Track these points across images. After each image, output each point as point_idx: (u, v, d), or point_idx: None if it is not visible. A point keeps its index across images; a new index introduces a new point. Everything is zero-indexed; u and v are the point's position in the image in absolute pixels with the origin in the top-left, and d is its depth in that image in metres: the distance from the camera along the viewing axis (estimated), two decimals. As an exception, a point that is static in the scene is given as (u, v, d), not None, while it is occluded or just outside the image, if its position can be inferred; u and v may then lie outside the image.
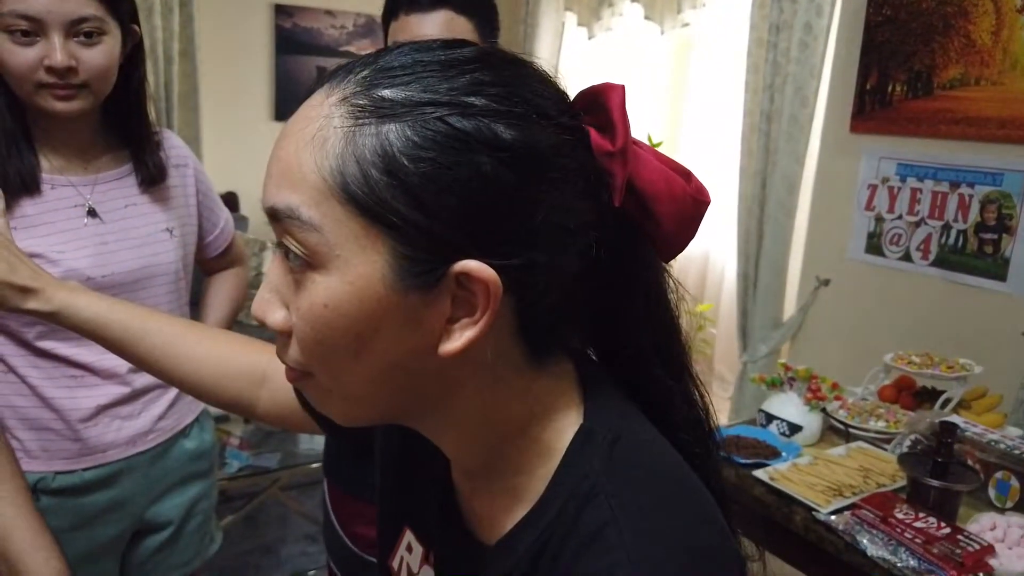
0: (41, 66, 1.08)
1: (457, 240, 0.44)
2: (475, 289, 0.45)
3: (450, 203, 0.43)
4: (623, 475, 0.49)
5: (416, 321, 0.46)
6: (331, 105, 0.45)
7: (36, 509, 0.90)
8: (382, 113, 0.44)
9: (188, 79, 3.50)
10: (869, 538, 1.31)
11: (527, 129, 0.45)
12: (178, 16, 3.40)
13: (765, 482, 1.50)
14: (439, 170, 0.43)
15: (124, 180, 1.24)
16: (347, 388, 0.49)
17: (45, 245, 1.13)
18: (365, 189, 0.43)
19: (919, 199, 2.47)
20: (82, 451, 1.20)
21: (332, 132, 0.44)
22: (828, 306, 2.79)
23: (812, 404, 1.70)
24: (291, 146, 0.45)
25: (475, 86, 0.45)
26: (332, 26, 3.92)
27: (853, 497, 1.43)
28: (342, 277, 0.45)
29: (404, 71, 0.45)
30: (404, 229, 0.44)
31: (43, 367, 1.16)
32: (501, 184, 0.44)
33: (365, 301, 0.45)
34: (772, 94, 2.75)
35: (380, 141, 0.43)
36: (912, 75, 2.46)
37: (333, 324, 0.46)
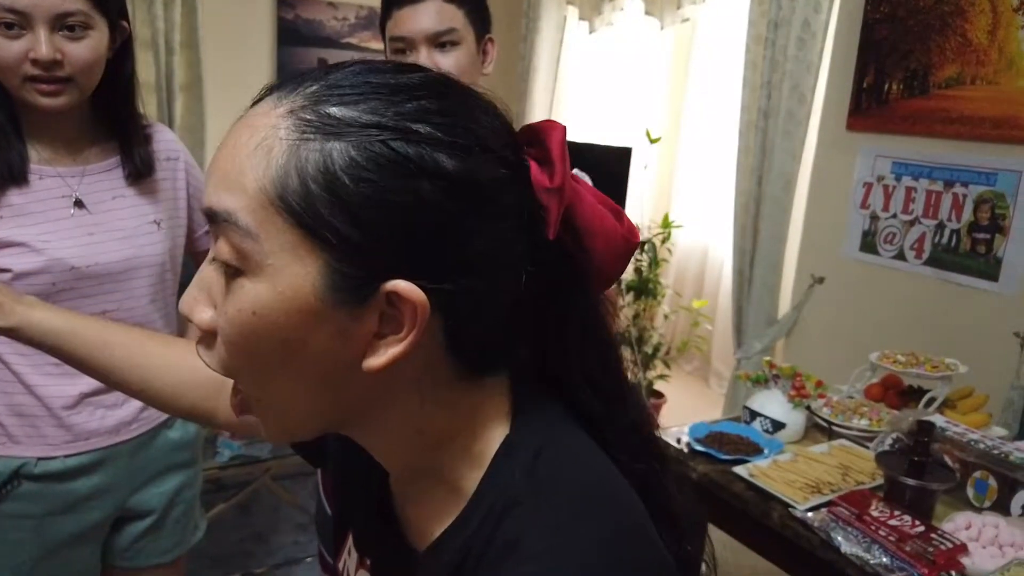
0: (27, 59, 1.09)
1: (390, 260, 0.45)
2: (403, 308, 0.46)
3: (386, 224, 0.44)
4: (543, 487, 0.49)
5: (344, 334, 0.47)
6: (278, 116, 0.46)
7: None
8: (327, 131, 0.45)
9: (191, 69, 3.52)
10: (843, 535, 1.32)
11: (469, 160, 0.46)
12: (180, 7, 3.41)
13: (745, 478, 1.51)
14: (378, 192, 0.44)
15: (112, 172, 1.25)
16: (274, 398, 0.50)
17: (31, 234, 1.15)
18: (304, 203, 0.44)
19: (914, 198, 2.46)
20: (65, 438, 1.22)
21: (277, 143, 0.45)
22: (822, 304, 2.79)
23: (796, 402, 1.71)
24: (235, 152, 0.46)
25: (421, 113, 0.46)
26: (334, 18, 3.93)
27: (831, 494, 1.44)
28: (273, 285, 0.45)
29: (353, 91, 0.46)
30: (339, 245, 0.45)
31: (28, 354, 1.18)
32: (438, 211, 0.45)
33: (294, 311, 0.46)
34: (770, 91, 2.75)
35: (323, 157, 0.44)
36: (908, 74, 2.45)
37: (259, 332, 0.46)
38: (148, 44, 3.41)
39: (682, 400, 3.89)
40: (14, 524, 1.19)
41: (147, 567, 1.39)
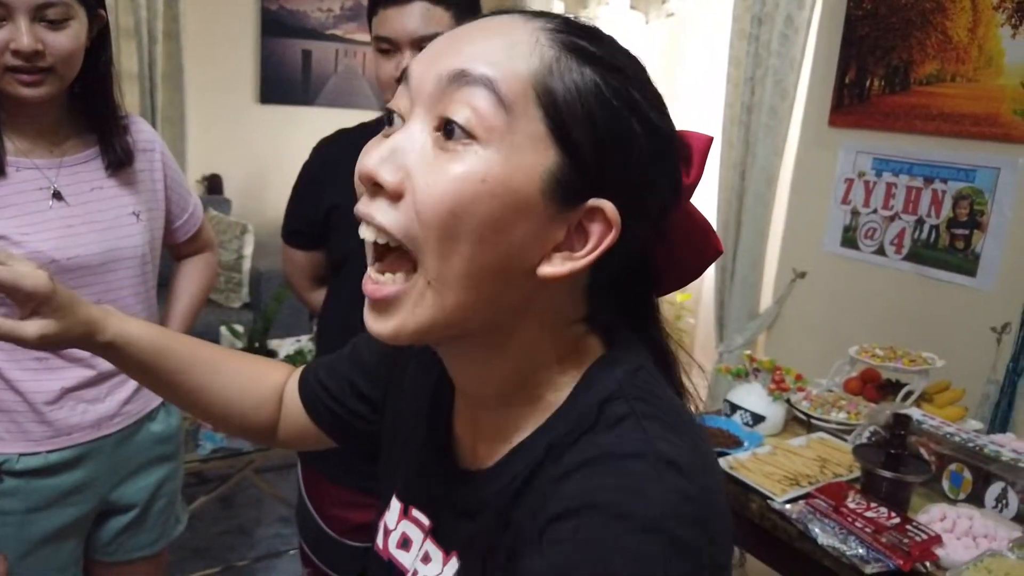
0: (8, 50, 1.08)
1: (606, 182, 0.50)
2: (595, 227, 0.51)
3: (614, 152, 0.50)
4: (643, 393, 0.53)
5: (541, 232, 0.50)
6: (536, 30, 0.50)
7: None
8: (585, 58, 0.50)
9: (173, 60, 3.49)
10: (820, 526, 1.34)
11: (671, 129, 0.54)
12: (162, -4, 3.39)
13: (725, 471, 1.52)
14: (616, 123, 0.50)
15: (90, 163, 1.24)
16: (447, 275, 0.49)
17: (10, 227, 1.14)
18: (561, 105, 0.49)
19: (894, 194, 2.49)
20: (47, 433, 1.21)
21: (541, 48, 0.49)
22: (804, 298, 2.82)
23: (775, 395, 1.72)
24: (492, 39, 0.50)
25: (645, 81, 0.53)
26: (319, 9, 3.90)
27: (809, 487, 1.45)
28: (509, 158, 0.48)
29: (599, 38, 0.52)
30: (574, 152, 0.49)
31: (7, 349, 1.17)
32: (649, 159, 0.52)
33: (518, 191, 0.48)
34: (753, 86, 2.77)
35: (581, 76, 0.49)
36: (890, 70, 2.47)
37: (478, 199, 0.47)
38: (131, 33, 3.38)
39: (665, 393, 3.92)
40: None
41: (129, 561, 1.39)
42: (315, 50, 3.93)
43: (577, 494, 0.47)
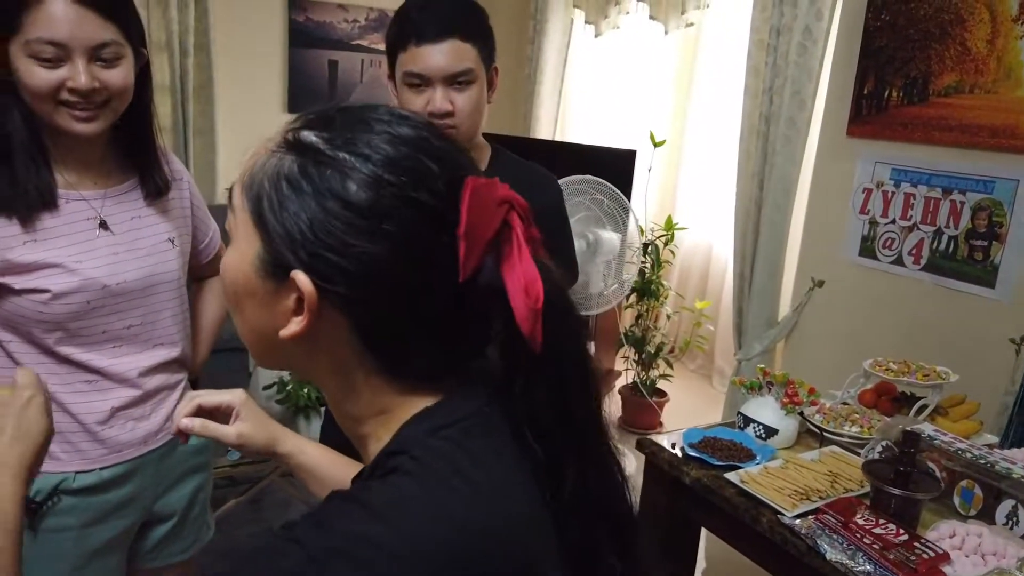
0: (64, 87, 1.13)
1: (299, 255, 0.57)
2: (302, 296, 0.57)
3: (301, 226, 0.56)
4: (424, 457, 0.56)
5: (267, 304, 0.60)
6: (280, 132, 0.61)
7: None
8: (291, 148, 0.59)
9: (203, 71, 3.58)
10: (829, 542, 1.37)
11: (381, 196, 0.55)
12: (193, 10, 3.47)
13: (736, 484, 1.56)
14: (300, 199, 0.57)
15: (130, 194, 1.30)
16: (240, 328, 0.65)
17: (64, 256, 1.20)
18: (257, 195, 0.59)
19: (912, 204, 2.50)
20: (100, 451, 1.27)
21: (264, 150, 0.60)
22: (822, 307, 2.83)
23: (788, 408, 1.75)
24: (257, 150, 0.61)
25: (366, 148, 0.57)
26: (344, 20, 3.98)
27: (819, 501, 1.49)
28: (237, 252, 0.61)
29: (327, 124, 0.59)
30: (269, 233, 0.58)
31: (60, 374, 1.23)
32: (343, 228, 0.55)
33: (242, 272, 0.61)
34: (771, 96, 2.78)
35: (278, 168, 0.58)
36: (908, 81, 2.48)
37: (226, 280, 0.63)
38: (163, 47, 3.47)
39: (686, 398, 3.94)
40: (55, 537, 1.24)
41: (168, 566, 1.46)
42: (341, 60, 4.01)
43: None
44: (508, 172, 1.54)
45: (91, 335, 1.24)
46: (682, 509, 1.74)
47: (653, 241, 3.39)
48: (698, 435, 1.77)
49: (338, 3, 3.94)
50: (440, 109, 1.34)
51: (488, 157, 1.53)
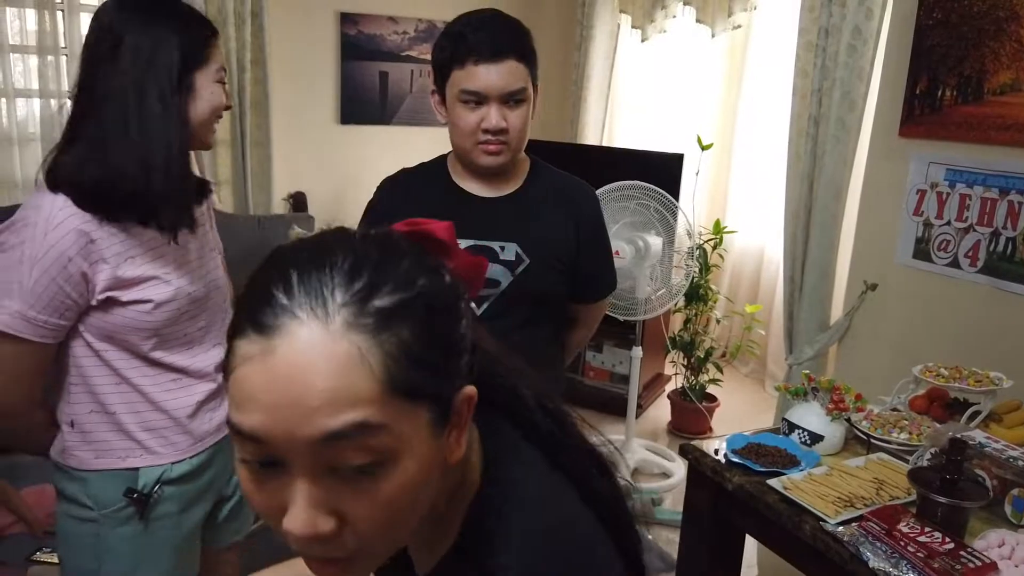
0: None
1: (456, 380, 0.58)
2: (462, 406, 0.58)
3: (444, 354, 0.56)
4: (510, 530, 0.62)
5: (439, 451, 0.57)
6: (342, 333, 0.51)
7: None
8: (382, 321, 0.52)
9: (259, 86, 3.70)
10: (872, 550, 1.36)
11: (438, 281, 0.59)
12: (250, 26, 3.60)
13: (779, 491, 1.56)
14: (432, 340, 0.55)
15: None
16: (398, 536, 0.58)
17: (158, 269, 1.29)
18: (406, 378, 0.52)
19: (968, 205, 2.44)
20: (189, 442, 1.38)
21: (364, 353, 0.51)
22: (875, 311, 2.78)
23: (834, 415, 1.74)
24: (323, 376, 0.50)
25: (410, 270, 0.56)
26: (394, 32, 4.06)
27: (864, 509, 1.47)
28: (414, 457, 0.53)
29: (372, 282, 0.53)
30: (432, 393, 0.55)
31: (151, 375, 1.32)
32: (452, 330, 0.58)
33: (428, 465, 0.55)
34: (820, 98, 2.75)
35: (398, 342, 0.52)
36: (962, 80, 2.42)
37: (411, 498, 0.54)
38: (220, 63, 3.61)
39: (737, 402, 3.91)
40: (160, 524, 1.35)
41: (225, 546, 1.56)
42: (391, 71, 4.10)
43: None
44: (546, 184, 1.58)
45: (176, 338, 1.34)
46: (726, 515, 1.74)
47: (701, 245, 3.37)
48: (742, 441, 1.77)
49: (388, 16, 4.03)
50: (496, 126, 1.42)
51: (527, 170, 1.57)
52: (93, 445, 1.31)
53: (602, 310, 1.78)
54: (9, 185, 3.42)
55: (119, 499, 1.31)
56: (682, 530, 1.89)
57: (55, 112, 3.43)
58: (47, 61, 3.42)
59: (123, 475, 1.32)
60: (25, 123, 3.47)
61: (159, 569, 1.36)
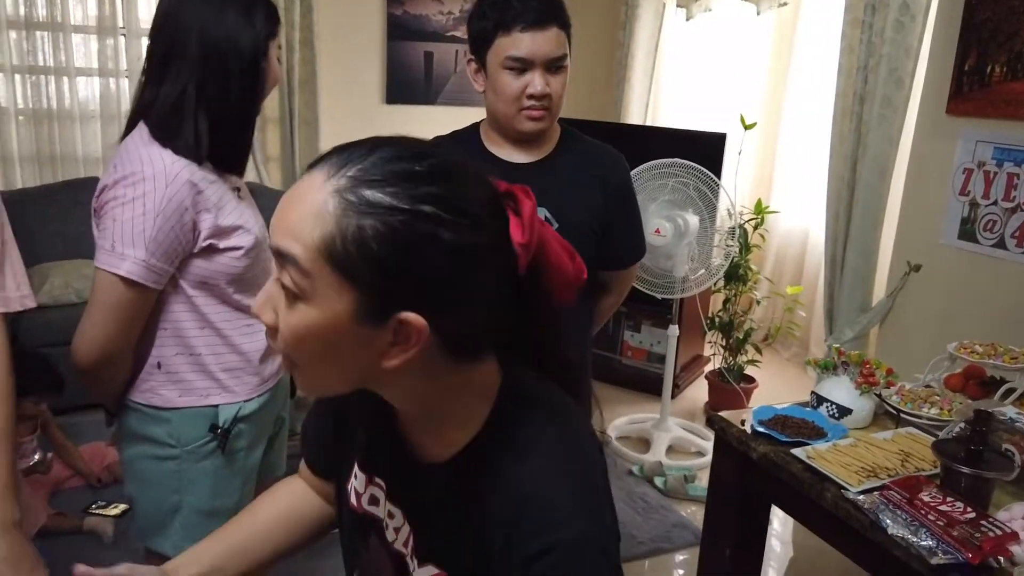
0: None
1: (402, 299, 0.63)
2: (409, 331, 0.64)
3: (400, 275, 0.62)
4: (532, 418, 0.73)
5: (367, 344, 0.65)
6: (328, 193, 0.62)
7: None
8: (362, 210, 0.61)
9: (308, 66, 3.80)
10: (892, 517, 1.37)
11: (461, 233, 0.63)
12: (299, 7, 3.69)
13: (802, 460, 1.57)
14: (395, 254, 0.62)
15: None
16: (312, 374, 0.69)
17: (240, 218, 1.39)
18: (344, 257, 0.62)
19: (1016, 184, 2.38)
20: (257, 383, 1.46)
21: (327, 214, 0.62)
22: (919, 292, 2.74)
23: (863, 388, 1.73)
24: (298, 210, 0.63)
25: (428, 197, 0.63)
26: (440, 12, 4.11)
27: (887, 479, 1.48)
28: (320, 310, 0.64)
29: (382, 178, 0.62)
30: (366, 288, 0.62)
31: (231, 319, 1.41)
32: (437, 268, 0.63)
33: (332, 328, 0.64)
34: (866, 75, 2.71)
35: (359, 229, 0.61)
36: (1012, 56, 2.36)
37: (307, 339, 0.65)
38: (270, 43, 3.71)
39: (777, 384, 3.88)
40: (235, 457, 1.45)
41: (268, 479, 1.63)
42: (436, 51, 4.15)
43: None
44: (577, 151, 1.61)
45: (252, 284, 1.42)
46: (751, 484, 1.76)
47: (742, 225, 3.35)
48: (769, 412, 1.78)
49: (434, -4, 4.08)
50: (540, 91, 1.46)
51: (558, 137, 1.60)
52: (178, 385, 1.40)
53: (631, 277, 1.80)
54: (71, 159, 3.58)
55: (202, 435, 1.40)
56: (707, 499, 1.92)
57: (113, 91, 3.57)
58: (107, 42, 3.56)
59: (205, 412, 1.40)
60: (86, 101, 3.62)
61: (231, 499, 1.45)
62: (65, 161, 3.57)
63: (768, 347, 4.26)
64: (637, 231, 1.72)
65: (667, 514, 2.83)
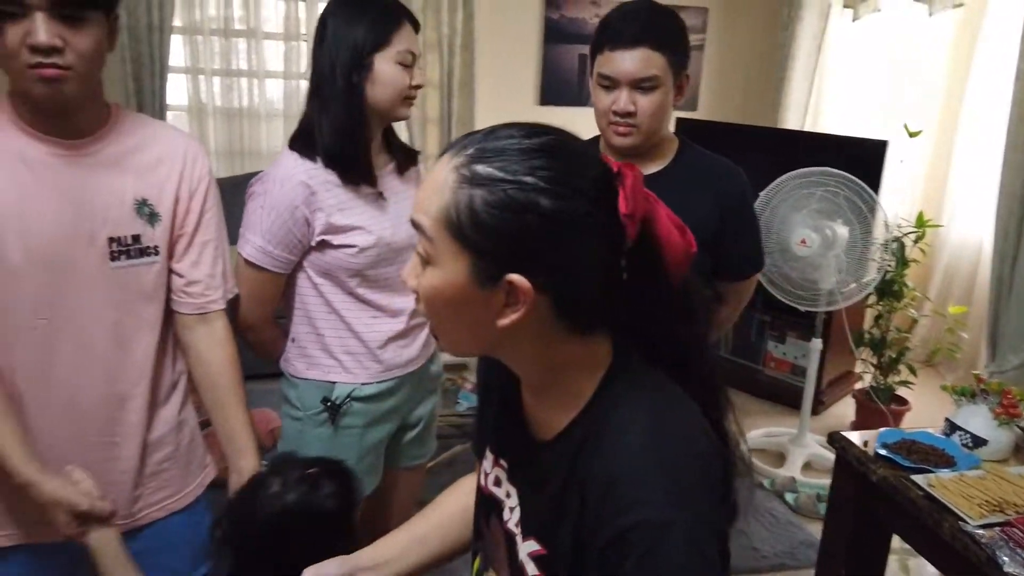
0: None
1: (510, 262, 0.70)
2: (516, 292, 0.71)
3: (507, 240, 0.70)
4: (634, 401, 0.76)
5: (484, 304, 0.73)
6: (448, 169, 0.72)
7: None
8: (474, 182, 0.70)
9: (466, 69, 3.98)
10: (1011, 555, 1.30)
11: (562, 202, 0.70)
12: (461, 13, 3.88)
13: (922, 487, 1.51)
14: (501, 221, 0.70)
15: (392, 174, 1.63)
16: (449, 332, 0.79)
17: (364, 220, 1.54)
18: (458, 225, 0.71)
19: None
20: (379, 369, 1.62)
21: (447, 187, 0.71)
22: (1098, 320, 2.49)
23: (1002, 419, 1.63)
24: (427, 188, 0.74)
25: (532, 169, 0.70)
26: (596, 16, 4.16)
27: (1013, 515, 1.40)
28: (443, 272, 0.73)
29: (493, 154, 0.71)
30: (478, 252, 0.71)
31: (353, 308, 1.58)
32: (540, 234, 0.70)
33: (455, 288, 0.73)
34: (1047, 81, 2.49)
35: (470, 198, 0.70)
36: None
37: (438, 300, 0.75)
38: (435, 47, 3.92)
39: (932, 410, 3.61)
40: (345, 433, 1.61)
41: (408, 467, 1.81)
42: (591, 54, 4.21)
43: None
44: (693, 164, 1.63)
45: (376, 280, 1.58)
46: (869, 507, 1.71)
47: (899, 238, 3.16)
48: (896, 436, 1.72)
49: (592, 0, 4.14)
50: (623, 109, 1.50)
51: (675, 149, 1.63)
52: (306, 359, 1.60)
53: (748, 289, 1.79)
54: (255, 154, 3.98)
55: (317, 405, 1.59)
56: (825, 519, 1.88)
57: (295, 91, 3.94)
58: (291, 46, 3.93)
59: (323, 386, 1.59)
60: (272, 101, 4.01)
61: None
62: (251, 155, 3.98)
63: (930, 369, 3.99)
64: (754, 244, 1.72)
65: (795, 531, 2.75)
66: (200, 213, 1.34)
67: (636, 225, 0.73)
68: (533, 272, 0.70)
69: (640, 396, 0.76)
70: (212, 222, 1.36)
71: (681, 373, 0.79)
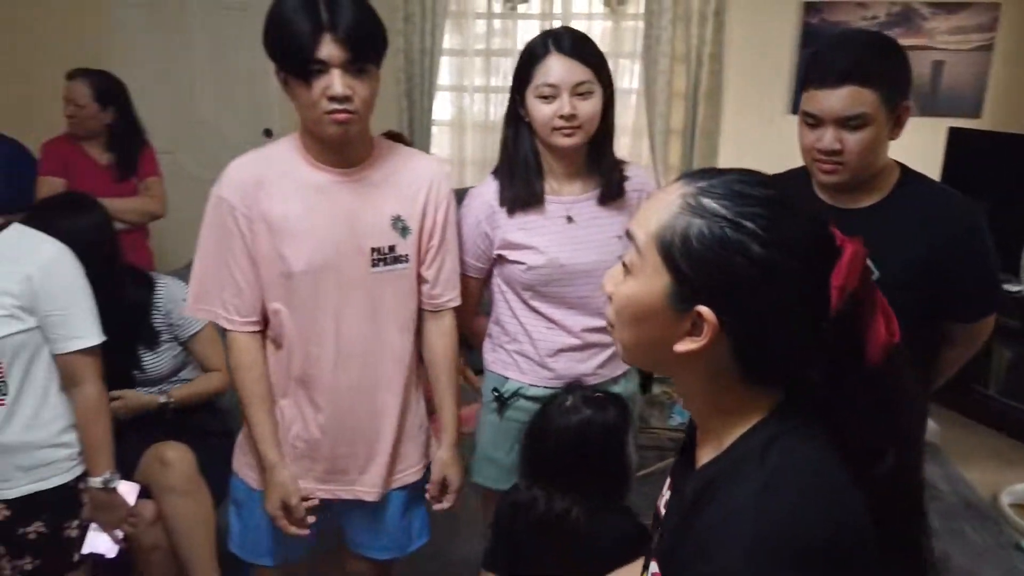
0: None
1: (706, 294, 0.75)
2: (703, 324, 0.75)
3: (708, 273, 0.74)
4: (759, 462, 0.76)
5: (669, 325, 0.78)
6: (677, 195, 0.78)
7: None
8: (697, 212, 0.76)
9: (714, 78, 3.92)
10: None
11: (772, 252, 0.73)
12: (712, 23, 3.84)
13: None
14: (709, 253, 0.74)
15: (592, 198, 1.71)
16: (628, 338, 0.84)
17: (539, 241, 1.67)
18: (670, 246, 0.76)
19: None
20: (548, 376, 1.74)
21: (670, 210, 0.77)
22: None
23: None
24: (653, 205, 0.80)
25: (752, 215, 0.74)
26: (862, 18, 3.88)
27: None
28: (641, 284, 0.79)
29: (721, 192, 0.76)
30: (680, 275, 0.76)
31: (529, 317, 1.74)
32: (741, 276, 0.73)
33: (647, 301, 0.79)
34: None
35: (688, 225, 0.75)
36: None
37: (628, 307, 0.81)
38: (682, 58, 3.93)
39: None
40: (511, 424, 1.75)
41: None
42: (853, 59, 3.93)
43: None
44: (915, 198, 1.51)
45: (551, 296, 1.70)
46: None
47: None
48: None
49: (857, 1, 3.86)
50: (827, 148, 1.43)
51: (894, 182, 1.52)
52: (494, 353, 1.82)
53: (983, 333, 1.59)
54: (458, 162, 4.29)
55: (491, 394, 1.79)
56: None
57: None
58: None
59: (498, 378, 1.78)
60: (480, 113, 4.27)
61: (502, 452, 1.77)
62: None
63: None
64: (985, 285, 1.55)
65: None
66: (443, 227, 1.59)
67: (844, 298, 0.74)
68: (724, 311, 0.74)
69: (766, 459, 0.75)
70: (450, 234, 1.62)
71: (864, 465, 0.77)
